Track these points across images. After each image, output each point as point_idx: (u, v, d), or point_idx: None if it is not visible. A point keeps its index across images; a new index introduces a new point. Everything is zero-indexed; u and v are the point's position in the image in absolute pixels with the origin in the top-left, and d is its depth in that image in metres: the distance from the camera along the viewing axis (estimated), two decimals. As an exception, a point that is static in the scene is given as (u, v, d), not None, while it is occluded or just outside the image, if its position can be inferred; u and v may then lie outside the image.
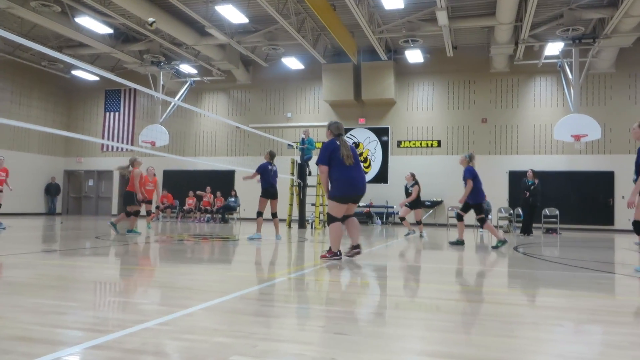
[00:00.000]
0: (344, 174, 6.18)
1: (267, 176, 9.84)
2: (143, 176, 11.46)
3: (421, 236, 12.22)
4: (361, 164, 6.68)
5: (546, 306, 3.76)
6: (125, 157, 23.24)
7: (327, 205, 6.87)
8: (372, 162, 20.47)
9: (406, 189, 12.76)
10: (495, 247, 8.74)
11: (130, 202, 10.63)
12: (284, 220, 15.75)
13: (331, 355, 2.32)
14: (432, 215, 19.52)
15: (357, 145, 20.74)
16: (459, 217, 9.72)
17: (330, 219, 6.30)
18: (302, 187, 15.23)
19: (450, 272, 6.05)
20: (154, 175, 13.14)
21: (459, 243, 9.46)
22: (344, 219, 6.39)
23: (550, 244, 10.78)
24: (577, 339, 2.87)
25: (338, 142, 6.29)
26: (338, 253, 6.26)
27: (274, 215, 10.20)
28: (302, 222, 15.14)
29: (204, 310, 3.28)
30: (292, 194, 15.95)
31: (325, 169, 6.25)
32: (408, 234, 12.57)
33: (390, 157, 20.26)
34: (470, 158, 9.65)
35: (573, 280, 5.21)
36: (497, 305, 3.72)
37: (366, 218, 19.26)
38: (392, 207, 19.48)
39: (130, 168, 10.72)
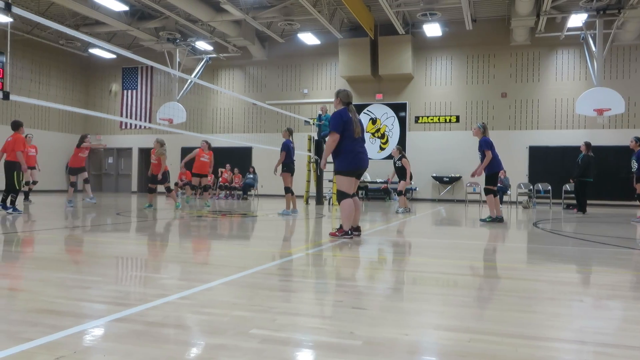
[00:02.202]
0: (353, 147, 5.98)
1: (289, 152, 10.19)
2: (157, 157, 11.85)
3: (408, 210, 12.00)
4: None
5: (565, 282, 3.74)
6: (144, 134, 23.50)
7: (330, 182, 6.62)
8: (389, 138, 20.34)
9: (394, 163, 12.27)
10: (483, 220, 9.00)
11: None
12: (301, 196, 15.81)
13: (350, 330, 2.34)
14: (451, 192, 19.42)
15: (374, 121, 20.60)
16: (490, 192, 9.11)
17: (342, 195, 6.04)
18: (319, 164, 15.23)
19: (468, 247, 6.04)
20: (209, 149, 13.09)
21: (498, 220, 9.00)
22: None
23: (571, 220, 10.67)
24: (596, 315, 2.85)
25: (350, 113, 6.04)
26: (349, 232, 6.04)
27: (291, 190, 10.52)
28: (319, 199, 15.20)
29: (223, 284, 3.33)
30: (309, 170, 15.97)
31: (337, 137, 5.94)
32: (405, 210, 11.88)
33: (408, 133, 20.11)
34: (484, 128, 9.33)
35: (593, 256, 5.16)
36: (515, 281, 3.71)
37: (383, 194, 19.25)
38: (411, 183, 19.40)
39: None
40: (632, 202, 17.46)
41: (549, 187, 17.07)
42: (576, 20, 16.65)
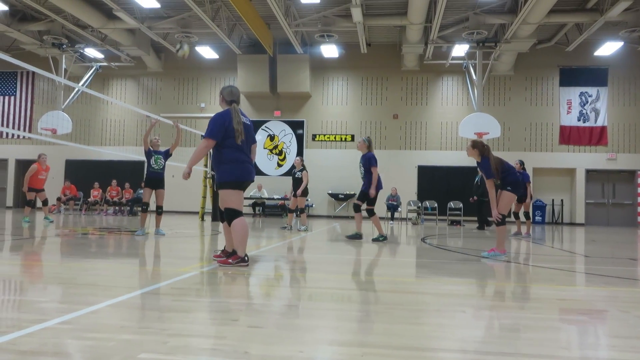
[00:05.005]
0: (237, 156, 5.12)
1: (148, 163, 9.26)
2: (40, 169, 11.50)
3: (304, 229, 11.28)
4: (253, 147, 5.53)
5: (449, 294, 3.98)
6: (22, 145, 21.64)
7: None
8: (287, 155, 20.52)
9: (294, 175, 11.87)
10: (376, 240, 8.55)
11: None
12: (195, 212, 15.37)
13: (244, 349, 2.31)
14: (346, 208, 19.94)
15: (272, 137, 20.69)
16: (359, 208, 8.85)
17: (233, 213, 5.07)
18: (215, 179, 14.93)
19: (361, 263, 6.22)
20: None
21: (382, 238, 8.61)
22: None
23: (454, 235, 11.40)
24: (476, 324, 3.06)
25: (233, 114, 5.21)
26: (245, 258, 5.11)
27: (159, 209, 9.53)
28: (215, 215, 14.88)
29: (110, 307, 3.13)
30: (205, 186, 15.62)
31: (212, 143, 5.11)
32: (305, 228, 11.46)
33: (305, 150, 20.42)
34: (370, 143, 8.71)
35: (474, 269, 5.55)
36: (405, 294, 3.88)
37: (281, 211, 19.32)
38: (308, 200, 19.66)
39: None
40: (509, 219, 18.97)
41: (436, 205, 18.19)
42: (459, 50, 18.06)
